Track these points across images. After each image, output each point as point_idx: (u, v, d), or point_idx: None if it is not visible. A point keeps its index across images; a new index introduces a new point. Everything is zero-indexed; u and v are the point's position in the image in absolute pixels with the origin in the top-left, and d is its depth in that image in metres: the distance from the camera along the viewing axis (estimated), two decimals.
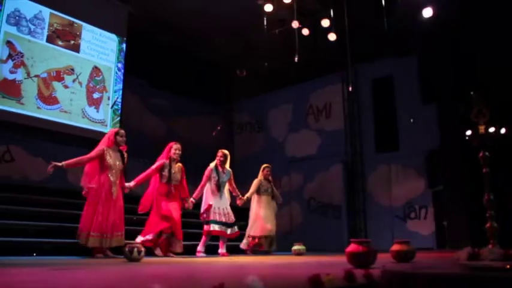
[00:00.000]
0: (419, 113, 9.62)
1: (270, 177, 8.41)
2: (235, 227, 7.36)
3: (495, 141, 2.56)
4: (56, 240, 6.56)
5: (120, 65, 10.70)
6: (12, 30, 8.85)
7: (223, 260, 5.70)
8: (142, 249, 4.66)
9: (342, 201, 10.55)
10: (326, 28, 10.30)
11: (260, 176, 8.37)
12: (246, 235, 8.10)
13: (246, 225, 8.27)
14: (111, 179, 6.07)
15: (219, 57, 12.51)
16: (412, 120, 9.50)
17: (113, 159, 6.16)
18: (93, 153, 6.15)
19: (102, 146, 6.22)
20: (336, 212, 10.59)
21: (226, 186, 7.57)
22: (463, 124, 7.96)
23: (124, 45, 10.81)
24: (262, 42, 10.89)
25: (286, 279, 2.36)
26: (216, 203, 7.18)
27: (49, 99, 9.27)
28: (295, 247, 7.26)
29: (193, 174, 10.81)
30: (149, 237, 6.28)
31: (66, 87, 9.59)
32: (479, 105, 2.52)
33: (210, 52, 12.26)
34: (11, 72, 8.74)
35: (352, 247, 3.32)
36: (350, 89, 10.41)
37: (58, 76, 9.49)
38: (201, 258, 6.48)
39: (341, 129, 10.99)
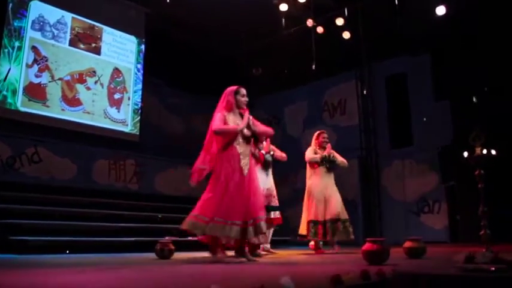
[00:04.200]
0: (432, 109, 9.81)
1: (327, 146, 6.88)
2: (277, 212, 6.40)
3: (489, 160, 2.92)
4: (86, 239, 6.88)
5: (139, 66, 11.02)
6: (37, 35, 9.21)
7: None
8: (173, 247, 4.92)
9: (357, 196, 10.76)
10: (340, 26, 10.53)
11: (314, 144, 6.97)
12: (303, 221, 6.75)
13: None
14: (239, 150, 4.74)
15: (235, 55, 12.75)
16: (425, 119, 9.70)
17: (236, 123, 4.83)
18: (218, 122, 4.75)
19: (219, 111, 4.87)
20: (352, 206, 10.79)
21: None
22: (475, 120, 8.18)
23: (143, 47, 11.13)
24: (278, 41, 11.13)
25: (308, 278, 2.63)
26: (262, 183, 5.84)
27: (73, 101, 9.62)
28: (313, 242, 7.41)
29: None
30: None
31: (88, 89, 9.94)
32: (476, 130, 2.85)
33: (226, 50, 12.52)
34: (36, 76, 9.11)
35: (367, 246, 3.59)
36: (365, 92, 10.64)
37: (81, 78, 9.84)
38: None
39: (356, 126, 11.18)
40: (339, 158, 6.89)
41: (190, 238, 7.72)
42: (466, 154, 2.97)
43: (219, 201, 4.45)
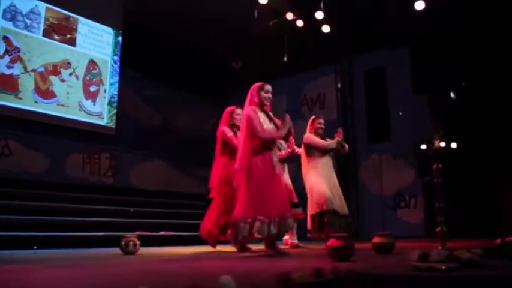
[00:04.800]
0: (411, 104, 9.77)
1: (338, 130, 6.37)
2: (299, 208, 6.32)
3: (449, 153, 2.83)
4: (56, 234, 6.74)
5: (116, 58, 10.84)
6: (9, 25, 8.98)
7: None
8: (138, 242, 4.83)
9: None
10: (320, 20, 10.43)
11: (308, 130, 6.44)
12: (308, 215, 6.26)
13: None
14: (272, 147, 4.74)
15: (213, 48, 12.61)
16: (400, 113, 9.67)
17: (264, 121, 4.76)
18: (260, 126, 4.64)
19: (252, 109, 4.79)
20: None
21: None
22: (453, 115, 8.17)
23: (120, 38, 10.95)
24: (257, 34, 11.01)
25: (254, 275, 2.53)
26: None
27: (46, 93, 9.41)
28: (286, 237, 7.26)
29: (192, 164, 11.05)
30: None
31: (63, 81, 9.74)
32: (435, 122, 2.79)
33: (204, 43, 12.36)
34: (8, 67, 8.88)
35: (331, 241, 3.51)
36: (339, 85, 10.59)
37: (55, 70, 9.63)
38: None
39: (334, 120, 11.11)
40: (346, 146, 6.46)
41: (162, 233, 7.67)
42: (424, 147, 2.89)
43: (258, 200, 4.44)
